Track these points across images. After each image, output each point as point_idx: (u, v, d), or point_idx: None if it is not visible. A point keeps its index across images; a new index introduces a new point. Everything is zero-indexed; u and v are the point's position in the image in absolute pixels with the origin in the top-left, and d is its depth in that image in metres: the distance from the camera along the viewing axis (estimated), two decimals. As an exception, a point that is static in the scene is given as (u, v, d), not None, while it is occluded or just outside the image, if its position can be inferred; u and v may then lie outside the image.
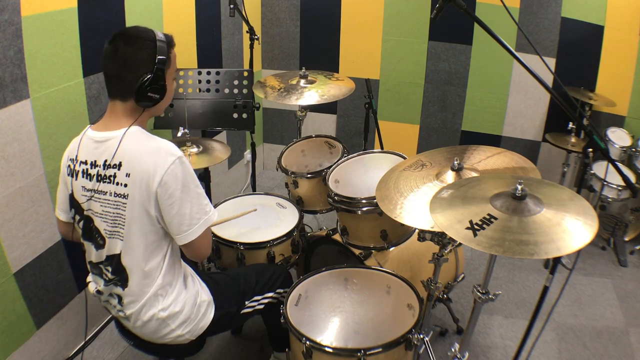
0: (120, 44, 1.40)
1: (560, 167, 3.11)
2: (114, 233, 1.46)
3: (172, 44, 1.49)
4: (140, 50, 1.40)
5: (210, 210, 1.49)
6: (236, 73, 2.53)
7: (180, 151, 1.44)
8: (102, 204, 1.45)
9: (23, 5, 1.77)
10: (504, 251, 1.15)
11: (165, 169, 1.38)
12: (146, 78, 1.40)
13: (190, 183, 1.43)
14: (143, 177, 1.38)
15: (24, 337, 2.00)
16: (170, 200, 1.39)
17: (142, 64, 1.40)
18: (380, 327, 1.68)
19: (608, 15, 3.00)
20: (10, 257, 1.89)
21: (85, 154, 1.47)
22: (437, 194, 1.42)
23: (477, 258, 2.99)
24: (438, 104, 3.57)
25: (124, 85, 1.42)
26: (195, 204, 1.43)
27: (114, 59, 1.41)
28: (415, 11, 3.36)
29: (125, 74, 1.41)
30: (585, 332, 2.44)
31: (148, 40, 1.41)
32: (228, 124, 2.55)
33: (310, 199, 2.32)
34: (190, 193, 1.42)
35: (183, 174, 1.41)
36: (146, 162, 1.39)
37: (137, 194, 1.40)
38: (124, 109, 1.45)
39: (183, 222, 1.42)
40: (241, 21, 3.22)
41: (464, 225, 1.25)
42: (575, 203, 1.29)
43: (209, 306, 1.64)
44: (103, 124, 1.48)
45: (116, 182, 1.41)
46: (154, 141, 1.44)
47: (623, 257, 2.99)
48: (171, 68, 1.49)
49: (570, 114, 1.44)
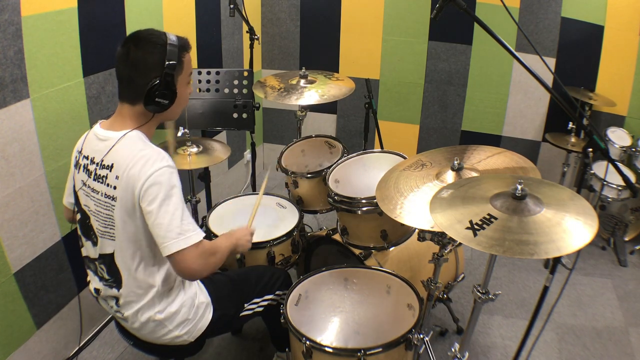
0: (132, 47, 1.39)
1: (560, 167, 3.12)
2: (105, 233, 1.46)
3: (185, 47, 1.46)
4: (150, 54, 1.38)
5: (194, 230, 1.39)
6: (236, 73, 2.53)
7: (172, 162, 1.40)
8: (96, 203, 1.45)
9: (23, 5, 1.77)
10: (504, 251, 1.15)
11: (149, 174, 1.34)
12: (155, 83, 1.38)
13: (176, 195, 1.37)
14: (129, 182, 1.36)
15: (24, 337, 2.00)
16: (150, 207, 1.35)
17: (152, 68, 1.38)
18: (380, 327, 1.68)
19: (608, 15, 3.00)
20: (10, 257, 1.89)
21: (88, 149, 1.48)
22: (437, 193, 1.42)
23: (477, 258, 2.99)
24: (438, 104, 3.57)
25: (134, 89, 1.41)
26: (175, 218, 1.35)
27: (125, 62, 1.40)
28: (415, 11, 3.36)
29: (136, 77, 1.40)
30: (585, 332, 2.44)
31: (159, 44, 1.39)
32: (228, 124, 2.55)
33: (310, 199, 2.32)
34: (171, 205, 1.36)
35: (168, 183, 1.36)
36: (134, 167, 1.36)
37: (125, 198, 1.38)
38: (131, 113, 1.44)
39: (159, 234, 1.36)
40: (241, 21, 3.22)
41: (464, 225, 1.25)
42: (575, 203, 1.29)
43: (207, 308, 1.64)
44: (110, 122, 1.48)
45: (107, 184, 1.41)
46: (147, 148, 1.40)
47: (623, 257, 2.99)
48: (184, 72, 1.46)
49: (570, 114, 1.44)
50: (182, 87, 1.47)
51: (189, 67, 1.49)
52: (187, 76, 1.49)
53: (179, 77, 1.44)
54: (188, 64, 1.48)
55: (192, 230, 1.39)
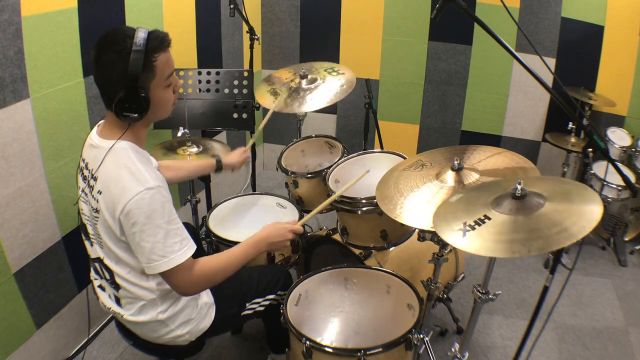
0: (99, 52, 1.31)
1: (560, 167, 3.11)
2: (95, 239, 1.46)
3: (159, 47, 1.32)
4: (113, 63, 1.28)
5: (180, 250, 1.35)
6: (236, 73, 2.53)
7: (156, 182, 1.33)
8: (88, 209, 1.45)
9: (23, 5, 1.77)
10: (512, 253, 1.15)
11: (129, 198, 1.29)
12: (120, 95, 1.29)
13: (157, 217, 1.31)
14: (109, 201, 1.33)
15: (24, 337, 2.00)
16: (132, 230, 1.32)
17: (117, 80, 1.29)
18: (380, 327, 1.68)
19: (608, 15, 3.00)
20: (10, 257, 1.89)
21: (85, 153, 1.47)
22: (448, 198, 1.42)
23: (477, 258, 2.98)
24: (438, 104, 3.57)
25: (105, 98, 1.35)
26: (158, 241, 1.31)
27: (95, 68, 1.33)
28: (415, 11, 3.36)
29: (105, 85, 1.33)
30: (585, 332, 2.44)
31: (123, 53, 1.27)
32: (228, 124, 2.55)
33: (310, 199, 2.32)
34: (154, 227, 1.31)
35: (149, 205, 1.30)
36: (115, 188, 1.32)
37: (105, 214, 1.36)
38: (114, 120, 1.38)
39: (143, 254, 1.34)
40: (241, 21, 3.22)
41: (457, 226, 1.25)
42: (577, 190, 1.29)
43: (210, 308, 1.64)
44: (102, 127, 1.45)
45: (92, 195, 1.39)
46: (132, 167, 1.33)
47: (623, 257, 2.99)
48: (158, 77, 1.34)
49: (570, 114, 1.44)
50: (157, 91, 1.36)
51: (165, 70, 1.35)
52: (164, 79, 1.36)
53: (152, 83, 1.33)
54: (163, 66, 1.34)
55: (177, 251, 1.35)
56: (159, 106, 1.40)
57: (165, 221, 1.33)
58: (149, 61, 1.31)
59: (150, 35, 1.32)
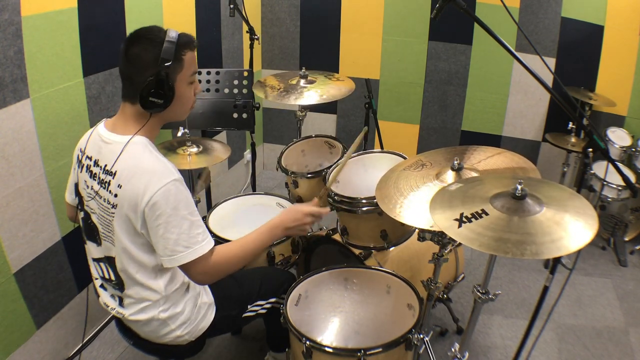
0: (130, 44, 1.36)
1: (560, 167, 3.11)
2: (107, 237, 1.46)
3: (188, 45, 1.41)
4: (146, 51, 1.35)
5: (203, 240, 1.39)
6: (236, 73, 2.53)
7: (178, 174, 1.38)
8: (99, 206, 1.44)
9: (23, 5, 1.77)
10: (504, 252, 1.15)
11: (156, 190, 1.31)
12: (149, 80, 1.34)
13: (183, 208, 1.35)
14: (132, 195, 1.34)
15: (24, 337, 2.00)
16: (157, 222, 1.34)
17: (147, 66, 1.35)
18: (380, 327, 1.68)
19: (608, 15, 3.00)
20: (10, 257, 1.89)
21: (91, 150, 1.46)
22: (445, 187, 1.43)
23: (477, 258, 2.99)
24: (438, 104, 3.57)
25: (132, 87, 1.38)
26: (184, 232, 1.35)
27: (124, 59, 1.38)
28: (415, 11, 3.36)
29: (133, 75, 1.37)
30: (585, 332, 2.44)
31: (156, 41, 1.35)
32: (228, 124, 2.55)
33: (310, 199, 2.30)
34: (180, 218, 1.34)
35: (175, 196, 1.34)
36: (138, 181, 1.33)
37: (125, 208, 1.36)
38: (132, 113, 1.42)
39: (167, 247, 1.35)
40: (241, 21, 3.22)
41: (453, 217, 1.26)
42: (575, 202, 1.29)
43: (209, 308, 1.64)
44: (113, 123, 1.45)
45: (109, 190, 1.39)
46: (153, 159, 1.38)
47: (623, 257, 2.99)
48: (184, 71, 1.41)
49: (570, 114, 1.44)
50: (182, 86, 1.42)
51: (191, 66, 1.44)
52: (189, 75, 1.44)
53: (178, 75, 1.40)
54: (190, 62, 1.43)
55: (201, 242, 1.38)
56: (180, 102, 1.44)
57: (189, 212, 1.37)
58: (179, 54, 1.38)
59: (180, 33, 1.41)
